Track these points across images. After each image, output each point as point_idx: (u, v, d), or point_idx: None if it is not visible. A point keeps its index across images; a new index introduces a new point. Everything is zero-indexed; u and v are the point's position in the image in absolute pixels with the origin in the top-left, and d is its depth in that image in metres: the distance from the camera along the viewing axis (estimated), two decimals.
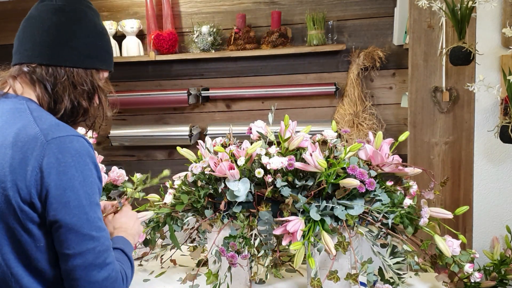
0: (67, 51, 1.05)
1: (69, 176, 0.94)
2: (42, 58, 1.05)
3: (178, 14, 3.42)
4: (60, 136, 0.96)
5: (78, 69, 1.07)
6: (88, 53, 1.08)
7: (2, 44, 3.66)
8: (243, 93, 3.37)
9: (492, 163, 2.32)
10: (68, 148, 0.95)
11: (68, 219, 0.94)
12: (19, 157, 0.94)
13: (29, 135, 0.96)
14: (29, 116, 1.00)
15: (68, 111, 1.08)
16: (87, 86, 1.09)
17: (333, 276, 1.34)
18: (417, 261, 1.40)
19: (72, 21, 1.07)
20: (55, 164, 0.94)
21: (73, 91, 1.07)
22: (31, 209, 0.95)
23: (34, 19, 1.08)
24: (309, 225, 1.38)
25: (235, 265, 1.41)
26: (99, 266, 0.97)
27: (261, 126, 1.57)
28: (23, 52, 1.08)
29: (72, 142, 0.97)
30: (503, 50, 2.19)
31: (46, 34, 1.05)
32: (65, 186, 0.94)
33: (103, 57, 1.13)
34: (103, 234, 0.99)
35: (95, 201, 0.99)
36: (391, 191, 1.44)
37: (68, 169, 0.94)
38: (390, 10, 3.13)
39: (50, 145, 0.95)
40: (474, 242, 2.37)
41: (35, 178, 0.93)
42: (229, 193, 1.45)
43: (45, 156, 0.94)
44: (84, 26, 1.08)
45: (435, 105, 2.35)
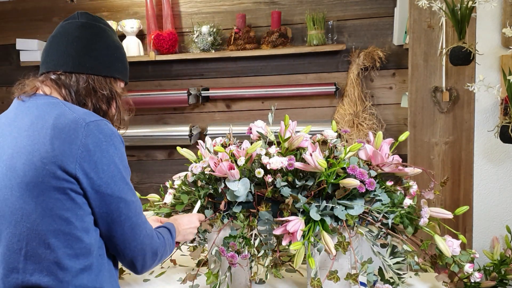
0: (89, 60, 1.19)
1: (110, 153, 1.08)
2: (67, 66, 1.17)
3: (178, 14, 3.42)
4: (96, 120, 1.09)
5: (98, 76, 1.20)
6: (106, 63, 1.21)
7: (2, 44, 3.66)
8: (243, 93, 3.37)
9: (492, 163, 2.32)
10: (105, 130, 1.09)
11: (116, 189, 1.09)
12: (62, 137, 1.05)
13: (69, 118, 1.07)
14: (63, 107, 1.11)
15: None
16: (106, 92, 1.21)
17: (333, 276, 1.34)
18: (417, 261, 1.40)
19: (93, 35, 1.21)
20: (98, 143, 1.06)
21: (94, 96, 1.19)
22: (76, 180, 1.05)
23: (60, 35, 1.21)
24: (309, 225, 1.38)
25: (235, 265, 1.41)
26: (141, 224, 1.14)
27: (261, 126, 1.57)
28: (50, 62, 1.19)
29: (107, 124, 1.10)
30: (503, 50, 2.19)
31: (71, 46, 1.18)
32: (109, 161, 1.07)
33: (119, 68, 1.25)
34: (137, 197, 1.17)
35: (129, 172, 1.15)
36: (391, 191, 1.44)
37: (109, 147, 1.08)
38: (390, 10, 3.13)
39: (89, 126, 1.07)
40: (474, 242, 2.37)
41: (80, 155, 1.04)
42: (229, 193, 1.45)
43: (88, 136, 1.06)
44: (103, 40, 1.22)
45: (435, 105, 2.35)
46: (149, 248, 1.16)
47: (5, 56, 3.64)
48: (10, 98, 1.30)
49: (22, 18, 3.59)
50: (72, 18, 1.24)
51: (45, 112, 1.10)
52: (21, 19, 3.59)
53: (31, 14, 3.57)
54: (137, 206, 1.15)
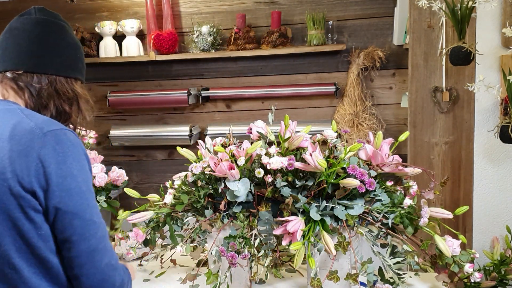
0: (51, 60, 1.13)
1: (67, 165, 1.00)
2: (28, 66, 1.11)
3: (178, 14, 3.42)
4: (54, 129, 1.02)
5: (60, 77, 1.14)
6: (68, 63, 1.16)
7: None
8: (243, 93, 3.37)
9: (492, 163, 2.32)
10: (64, 140, 1.01)
11: (71, 205, 0.99)
12: (18, 149, 0.98)
13: (25, 129, 1.00)
14: (21, 114, 1.04)
15: (52, 116, 1.13)
16: (69, 93, 1.16)
17: (333, 276, 1.34)
18: (417, 261, 1.40)
19: (54, 33, 1.15)
20: (53, 154, 0.99)
21: (57, 98, 1.14)
22: (33, 197, 0.98)
23: (18, 30, 1.14)
24: (309, 225, 1.38)
25: (235, 265, 1.41)
26: (101, 251, 1.02)
27: (261, 126, 1.57)
28: (8, 60, 1.12)
29: (66, 134, 1.03)
30: (503, 50, 2.19)
31: (32, 44, 1.12)
32: (65, 174, 0.99)
33: (80, 68, 1.21)
34: (102, 220, 1.05)
35: (91, 189, 1.05)
36: (391, 191, 1.44)
37: (67, 158, 1.00)
38: (390, 10, 3.13)
39: (46, 137, 1.00)
40: (474, 242, 2.37)
41: (35, 168, 0.97)
42: (229, 193, 1.45)
43: (43, 147, 0.98)
44: (65, 38, 1.17)
45: (435, 105, 2.35)
46: (111, 281, 1.04)
47: None
48: None
49: None
50: (29, 14, 1.16)
51: (2, 121, 1.03)
52: None
53: None
54: (98, 228, 1.03)
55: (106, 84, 3.58)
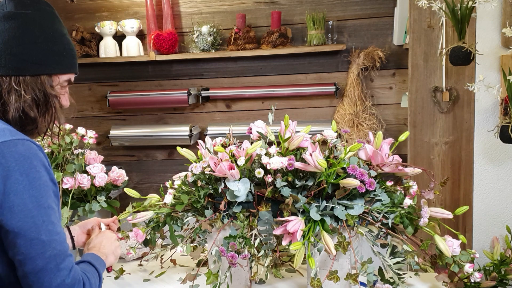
0: (11, 59, 1.03)
1: (12, 180, 0.93)
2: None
3: (178, 14, 3.42)
4: (3, 141, 0.95)
5: (25, 77, 1.04)
6: (35, 60, 1.05)
7: None
8: (243, 93, 3.37)
9: (492, 163, 2.32)
10: (12, 152, 0.94)
11: (14, 223, 0.93)
12: None
13: None
14: None
15: (16, 121, 1.05)
16: (35, 94, 1.05)
17: (333, 276, 1.34)
18: (417, 261, 1.40)
19: (19, 27, 1.04)
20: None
21: (19, 100, 1.04)
22: None
23: None
24: (309, 225, 1.38)
25: (235, 265, 1.41)
26: (51, 271, 0.95)
27: (261, 126, 1.57)
28: None
29: (16, 145, 0.95)
30: (503, 50, 2.19)
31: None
32: (8, 190, 0.92)
33: (55, 61, 1.08)
34: (55, 238, 0.96)
35: (45, 204, 0.96)
36: (391, 191, 1.44)
37: (11, 173, 0.93)
38: (390, 10, 3.13)
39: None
40: (474, 242, 2.37)
41: None
42: (229, 193, 1.45)
43: None
44: (30, 32, 1.05)
45: (435, 105, 2.35)
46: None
47: None
48: None
49: None
50: (2, 3, 1.07)
51: None
52: None
53: None
54: (48, 247, 0.94)
55: (106, 84, 3.58)
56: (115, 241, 1.32)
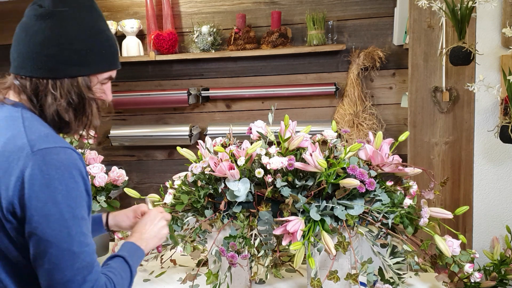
0: (47, 60, 1.00)
1: (51, 189, 0.92)
2: (25, 70, 1.01)
3: (178, 14, 3.42)
4: (46, 148, 0.94)
5: (61, 79, 1.01)
6: (72, 61, 1.01)
7: (2, 44, 3.66)
8: (243, 93, 3.37)
9: (492, 163, 2.32)
10: (53, 160, 0.93)
11: (48, 232, 0.92)
12: (5, 167, 0.93)
13: (17, 145, 0.94)
14: (20, 126, 0.98)
15: (52, 122, 1.04)
16: (71, 97, 1.02)
17: (333, 276, 1.34)
18: (417, 261, 1.40)
19: (54, 28, 1.00)
20: (38, 176, 0.91)
21: (54, 103, 1.01)
22: (13, 217, 0.93)
23: (22, 27, 1.04)
24: (309, 225, 1.38)
25: (235, 265, 1.41)
26: (77, 282, 0.94)
27: (261, 126, 1.57)
28: (13, 62, 1.05)
29: (59, 153, 0.94)
30: (503, 50, 2.19)
31: (28, 45, 1.01)
32: (46, 198, 0.91)
33: (94, 61, 1.04)
34: (85, 249, 0.96)
35: (80, 215, 0.95)
36: (391, 191, 1.44)
37: (51, 182, 0.92)
38: (390, 10, 3.13)
39: (35, 156, 0.92)
40: (474, 242, 2.37)
41: (18, 189, 0.92)
42: (229, 193, 1.45)
43: (29, 167, 0.91)
44: (68, 31, 1.00)
45: (435, 105, 2.35)
46: None
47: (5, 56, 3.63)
48: None
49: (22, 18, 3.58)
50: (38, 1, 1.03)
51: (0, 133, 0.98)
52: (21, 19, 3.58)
53: None
54: (78, 260, 0.94)
55: None
56: (160, 221, 1.26)
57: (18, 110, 1.01)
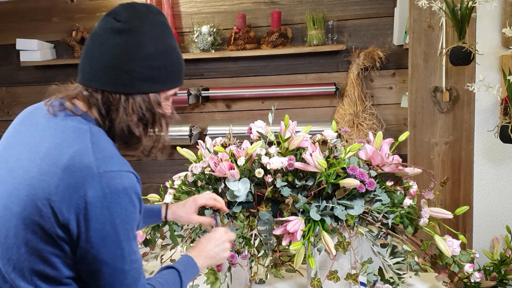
0: (122, 76, 0.99)
1: (111, 212, 0.94)
2: (98, 83, 1.00)
3: (178, 14, 3.42)
4: (111, 171, 0.95)
5: (133, 95, 1.01)
6: (146, 77, 1.01)
7: (2, 44, 3.66)
8: (243, 93, 3.37)
9: (492, 163, 2.32)
10: (117, 184, 0.94)
11: (103, 253, 0.95)
12: (69, 182, 0.93)
13: (83, 162, 0.94)
14: (88, 141, 0.98)
15: (121, 137, 1.05)
16: (142, 113, 1.03)
17: (333, 276, 1.34)
18: (417, 261, 1.41)
19: (131, 44, 1.00)
20: (101, 198, 0.93)
21: (126, 119, 1.02)
22: (64, 232, 0.94)
23: (95, 38, 1.02)
24: (309, 225, 1.38)
25: (235, 265, 1.41)
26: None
27: (261, 126, 1.57)
28: (84, 73, 1.03)
29: (122, 178, 0.96)
30: (503, 50, 2.19)
31: (103, 58, 1.00)
32: (106, 221, 0.93)
33: (165, 78, 1.05)
34: (135, 266, 1.00)
35: (133, 235, 0.99)
36: (391, 191, 1.44)
37: (113, 205, 0.94)
38: (390, 10, 3.13)
39: (100, 178, 0.93)
40: (474, 242, 2.37)
41: (79, 207, 0.93)
42: (229, 193, 1.45)
43: (93, 189, 0.93)
44: (143, 49, 1.00)
45: (435, 105, 2.35)
46: None
47: (5, 56, 3.63)
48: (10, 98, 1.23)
49: (22, 18, 3.58)
50: (114, 14, 1.01)
51: (66, 143, 0.97)
52: (21, 19, 3.59)
53: (31, 14, 3.57)
54: (128, 277, 0.98)
55: None
56: (223, 244, 1.27)
57: (86, 122, 1.01)
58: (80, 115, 1.02)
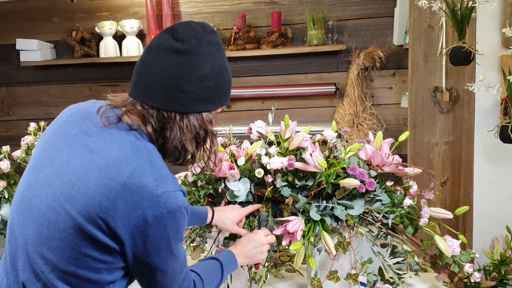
0: (179, 96, 1.02)
1: (167, 229, 0.99)
2: (154, 101, 1.02)
3: (178, 14, 3.42)
4: (168, 191, 0.98)
5: (188, 114, 1.04)
6: (201, 98, 1.04)
7: (2, 44, 3.66)
8: (243, 93, 3.37)
9: (492, 163, 2.32)
10: (173, 204, 0.98)
11: (157, 261, 1.01)
12: (127, 200, 0.96)
13: (143, 182, 0.97)
14: (145, 159, 1.00)
15: (173, 154, 1.07)
16: (196, 131, 1.06)
17: (333, 276, 1.34)
18: (417, 261, 1.40)
19: (188, 64, 1.02)
20: (158, 218, 0.97)
21: (181, 136, 1.04)
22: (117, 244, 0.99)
23: (153, 54, 1.04)
24: (309, 225, 1.38)
25: None
26: None
27: (261, 126, 1.57)
28: (139, 88, 1.04)
29: (177, 198, 0.99)
30: (503, 50, 2.19)
31: (160, 76, 1.01)
32: (161, 236, 0.99)
33: (218, 97, 1.08)
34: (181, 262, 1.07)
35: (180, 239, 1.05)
36: (391, 191, 1.44)
37: (168, 223, 0.98)
38: (390, 10, 3.13)
39: (159, 198, 0.97)
40: (474, 242, 2.37)
41: (136, 225, 0.96)
42: (229, 193, 1.45)
43: (152, 209, 0.96)
44: (200, 70, 1.03)
45: (435, 105, 2.35)
46: None
47: (5, 56, 3.64)
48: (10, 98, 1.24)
49: (22, 18, 3.59)
50: (172, 32, 1.03)
51: (125, 159, 0.99)
52: (21, 19, 3.59)
53: (31, 14, 3.58)
54: (176, 272, 1.07)
55: (106, 84, 3.58)
56: (263, 247, 1.34)
57: (141, 138, 1.03)
58: (135, 130, 1.04)
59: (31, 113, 3.64)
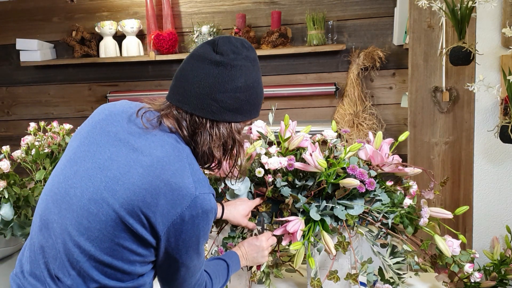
0: (212, 104, 1.08)
1: (199, 228, 1.05)
2: (189, 106, 1.09)
3: (178, 14, 3.42)
4: (205, 193, 1.05)
5: (218, 122, 1.10)
6: (232, 108, 1.10)
7: (2, 44, 3.67)
8: None
9: (492, 163, 2.32)
10: (207, 206, 1.05)
11: (184, 257, 1.08)
12: (169, 198, 1.02)
13: (184, 182, 1.03)
14: (185, 162, 1.06)
15: (202, 158, 1.13)
16: (224, 139, 1.12)
17: (333, 276, 1.34)
18: (417, 261, 1.41)
19: (224, 76, 1.08)
20: (194, 217, 1.04)
21: (210, 141, 1.10)
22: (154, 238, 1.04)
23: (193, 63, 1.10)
24: (309, 225, 1.38)
25: None
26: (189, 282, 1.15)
27: (261, 126, 1.57)
28: (176, 94, 1.11)
29: (210, 200, 1.06)
30: (503, 50, 2.19)
31: (197, 85, 1.08)
32: (192, 234, 1.05)
33: (249, 110, 1.13)
34: (201, 259, 1.15)
35: (207, 239, 1.12)
36: (391, 191, 1.44)
37: (201, 222, 1.05)
38: (390, 10, 3.13)
39: (196, 199, 1.03)
40: (474, 242, 2.37)
41: (174, 222, 1.02)
42: (229, 193, 1.45)
43: (190, 208, 1.03)
44: (234, 82, 1.08)
45: (435, 105, 2.35)
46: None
47: (5, 56, 3.64)
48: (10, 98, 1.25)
49: (22, 18, 3.59)
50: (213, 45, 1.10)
51: (167, 159, 1.05)
52: (21, 19, 3.59)
53: (31, 14, 3.58)
54: (196, 268, 1.14)
55: (106, 84, 3.58)
56: (262, 251, 1.40)
57: (181, 142, 1.10)
58: (174, 133, 1.10)
59: (31, 113, 3.65)
